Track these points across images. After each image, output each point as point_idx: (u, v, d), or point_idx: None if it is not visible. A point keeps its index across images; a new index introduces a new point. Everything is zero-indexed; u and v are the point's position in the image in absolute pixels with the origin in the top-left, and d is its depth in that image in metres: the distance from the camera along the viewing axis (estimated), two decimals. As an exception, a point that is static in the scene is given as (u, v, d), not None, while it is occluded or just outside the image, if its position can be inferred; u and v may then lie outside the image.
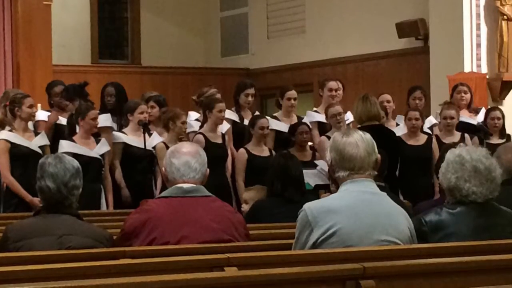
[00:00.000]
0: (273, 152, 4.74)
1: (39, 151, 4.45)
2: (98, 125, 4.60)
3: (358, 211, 2.16)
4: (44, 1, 7.34)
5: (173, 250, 2.20)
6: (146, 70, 8.83)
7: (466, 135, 5.01)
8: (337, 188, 2.25)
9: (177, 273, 1.80)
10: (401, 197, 4.32)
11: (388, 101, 5.32)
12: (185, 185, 2.37)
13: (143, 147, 4.69)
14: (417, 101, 5.33)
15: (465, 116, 5.28)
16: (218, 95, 5.12)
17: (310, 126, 4.99)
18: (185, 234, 2.30)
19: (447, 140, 4.85)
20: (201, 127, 4.92)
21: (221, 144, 4.80)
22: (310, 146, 4.98)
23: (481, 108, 5.50)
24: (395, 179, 4.45)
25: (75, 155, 3.79)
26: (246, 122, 5.04)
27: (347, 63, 8.08)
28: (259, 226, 2.94)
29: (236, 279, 1.72)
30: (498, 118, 5.18)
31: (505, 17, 6.71)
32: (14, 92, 5.10)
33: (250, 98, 5.16)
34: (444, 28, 6.85)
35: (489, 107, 5.75)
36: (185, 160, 2.39)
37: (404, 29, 7.43)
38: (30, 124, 4.66)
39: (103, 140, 4.63)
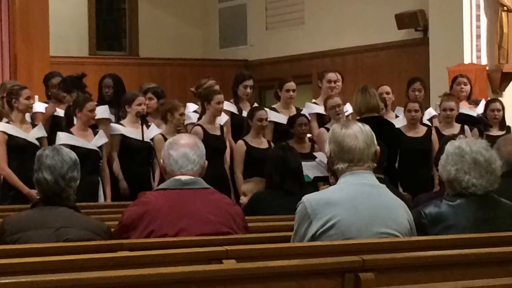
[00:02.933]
0: (272, 144, 4.72)
1: (37, 143, 4.43)
2: (96, 117, 4.59)
3: (357, 203, 2.15)
4: (41, -8, 7.28)
5: (171, 243, 2.19)
6: (144, 62, 8.79)
7: (466, 127, 4.99)
8: (336, 180, 2.23)
9: (175, 266, 1.80)
10: (401, 189, 4.31)
11: (387, 93, 5.30)
12: (183, 177, 2.36)
13: (141, 139, 4.67)
14: (417, 93, 5.31)
15: (465, 108, 5.26)
16: (217, 87, 5.10)
17: (309, 118, 4.97)
18: (183, 226, 2.29)
19: (446, 132, 4.84)
20: (199, 118, 4.90)
21: (219, 136, 4.78)
22: (309, 138, 4.97)
23: (481, 100, 5.48)
24: (394, 171, 4.44)
25: (73, 147, 3.79)
26: (244, 114, 5.02)
27: (346, 54, 8.05)
28: (258, 219, 2.93)
29: (234, 272, 1.72)
30: (498, 110, 5.16)
31: (505, 8, 6.68)
32: (11, 83, 5.07)
33: (248, 90, 5.14)
34: (444, 19, 6.81)
35: (489, 98, 5.73)
36: (183, 152, 2.38)
37: (403, 20, 7.39)
38: (27, 116, 4.64)
39: (100, 132, 4.61)
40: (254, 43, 8.97)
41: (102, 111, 4.78)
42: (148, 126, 4.80)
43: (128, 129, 4.74)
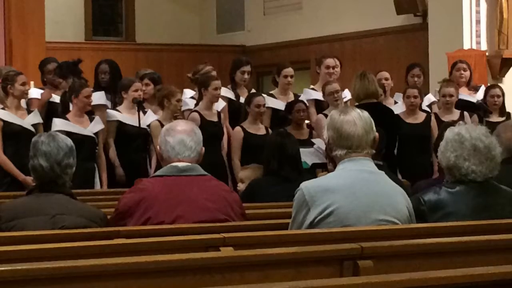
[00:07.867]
0: (270, 130, 4.70)
1: (32, 129, 4.40)
2: (92, 103, 4.55)
3: (356, 190, 2.13)
4: (36, -24, 7.19)
5: (168, 230, 2.18)
6: (140, 47, 8.72)
7: (466, 113, 4.97)
8: (335, 166, 2.22)
9: (172, 253, 1.78)
10: (400, 176, 4.30)
11: (386, 79, 5.27)
12: (180, 164, 2.34)
13: (137, 125, 4.65)
14: (416, 79, 5.28)
15: (465, 94, 5.24)
16: (214, 73, 5.06)
17: (307, 104, 4.94)
18: (180, 213, 2.28)
19: (446, 118, 4.82)
20: (196, 105, 4.87)
21: (216, 122, 4.76)
22: (307, 124, 4.95)
23: (480, 86, 5.46)
24: (393, 157, 4.42)
25: (69, 133, 3.76)
26: (242, 100, 4.99)
27: (345, 40, 8.00)
28: (255, 206, 2.92)
29: (232, 259, 1.70)
30: (498, 96, 5.14)
31: (505, -7, 6.62)
32: (7, 69, 5.03)
33: (246, 76, 5.10)
34: (443, 4, 6.75)
35: (488, 84, 5.71)
36: (180, 138, 2.35)
37: (402, 5, 7.33)
38: (22, 102, 4.61)
39: (97, 118, 4.58)
40: (252, 29, 8.90)
41: (98, 97, 4.75)
42: (144, 112, 4.77)
43: (124, 115, 4.71)
